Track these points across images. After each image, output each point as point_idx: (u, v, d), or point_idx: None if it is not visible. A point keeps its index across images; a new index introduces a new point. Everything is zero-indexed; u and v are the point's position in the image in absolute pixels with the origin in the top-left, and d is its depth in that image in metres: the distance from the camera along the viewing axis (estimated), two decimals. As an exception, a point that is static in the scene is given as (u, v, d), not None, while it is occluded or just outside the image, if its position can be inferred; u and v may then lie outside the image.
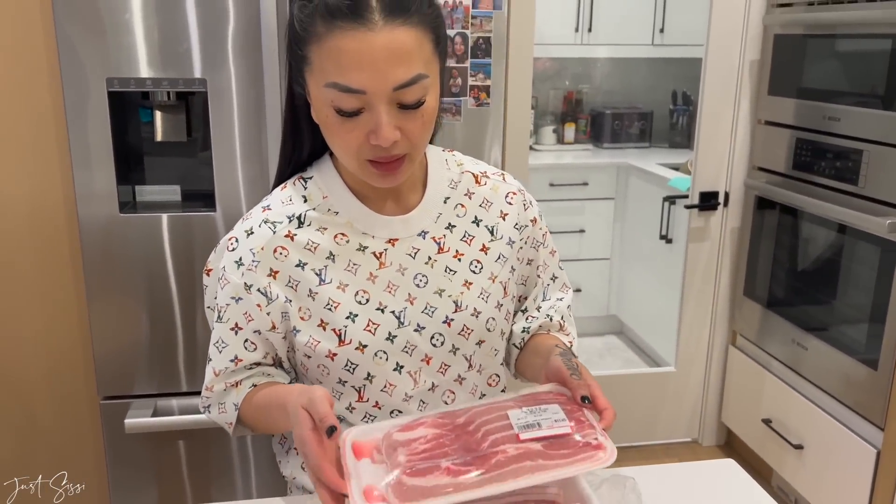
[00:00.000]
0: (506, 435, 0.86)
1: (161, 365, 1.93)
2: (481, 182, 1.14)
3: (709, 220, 2.70)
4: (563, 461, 0.84)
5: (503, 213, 1.14)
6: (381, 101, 0.91)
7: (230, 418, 1.08)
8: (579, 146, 4.11)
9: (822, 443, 2.29)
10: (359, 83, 0.90)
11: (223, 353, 1.07)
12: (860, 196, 2.10)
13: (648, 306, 3.55)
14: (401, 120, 0.93)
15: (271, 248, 1.03)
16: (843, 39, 2.16)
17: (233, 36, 1.77)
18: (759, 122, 2.57)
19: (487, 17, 1.88)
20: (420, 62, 0.92)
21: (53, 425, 2.07)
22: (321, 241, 1.04)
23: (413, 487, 0.82)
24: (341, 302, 1.03)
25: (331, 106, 0.93)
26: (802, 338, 2.36)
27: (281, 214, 1.05)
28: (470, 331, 1.07)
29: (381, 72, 0.89)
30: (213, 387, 1.09)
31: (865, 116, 2.07)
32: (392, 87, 0.90)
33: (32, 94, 1.85)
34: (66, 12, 1.70)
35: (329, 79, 0.91)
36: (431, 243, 1.08)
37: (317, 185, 1.07)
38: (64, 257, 1.96)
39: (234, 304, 1.04)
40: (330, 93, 0.92)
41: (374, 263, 1.05)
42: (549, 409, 0.90)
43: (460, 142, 1.97)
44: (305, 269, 1.03)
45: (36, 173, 1.90)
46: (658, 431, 2.90)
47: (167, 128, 1.88)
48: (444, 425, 0.90)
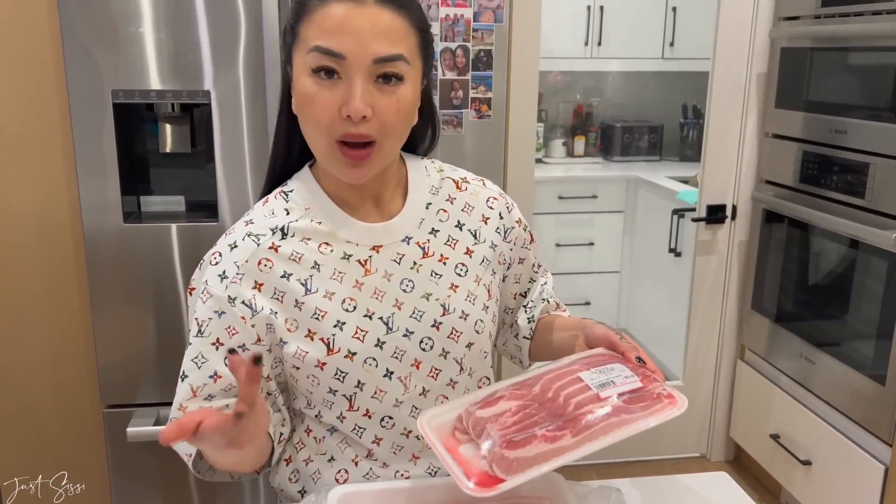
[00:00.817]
0: (587, 396, 0.90)
1: (165, 373, 1.94)
2: (462, 187, 1.15)
3: (716, 233, 2.68)
4: (644, 413, 0.89)
5: (485, 218, 1.15)
6: (357, 71, 0.93)
7: (190, 449, 1.01)
8: (589, 159, 4.11)
9: (830, 459, 2.26)
10: (339, 46, 0.92)
11: (202, 369, 1.02)
12: (868, 210, 2.08)
13: (657, 320, 3.53)
14: (375, 98, 0.94)
15: (256, 260, 1.02)
16: (851, 52, 2.15)
17: (244, 48, 1.79)
18: (766, 135, 2.55)
19: (489, 30, 1.88)
20: (403, 47, 0.95)
21: (57, 433, 2.08)
22: (305, 251, 1.04)
23: (517, 459, 0.84)
24: (328, 311, 1.02)
25: (309, 73, 0.94)
26: (810, 352, 2.33)
27: (264, 227, 1.04)
28: (459, 333, 1.07)
29: (364, 40, 0.92)
30: (187, 406, 1.02)
31: (873, 130, 2.05)
32: (372, 59, 0.92)
33: (39, 105, 1.88)
34: (73, 24, 1.73)
35: (312, 42, 0.94)
36: (416, 248, 1.08)
37: (298, 195, 1.07)
38: (69, 267, 1.97)
39: (217, 318, 1.02)
40: (311, 58, 0.94)
41: (360, 271, 1.04)
42: (616, 368, 0.95)
43: (462, 154, 1.98)
44: (291, 279, 1.02)
45: (42, 184, 1.92)
46: (666, 446, 2.88)
47: (172, 139, 1.90)
48: (523, 396, 0.93)
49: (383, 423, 1.06)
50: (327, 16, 0.93)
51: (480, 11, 1.86)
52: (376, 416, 1.06)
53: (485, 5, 1.86)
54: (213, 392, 1.02)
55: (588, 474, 2.75)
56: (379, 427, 1.06)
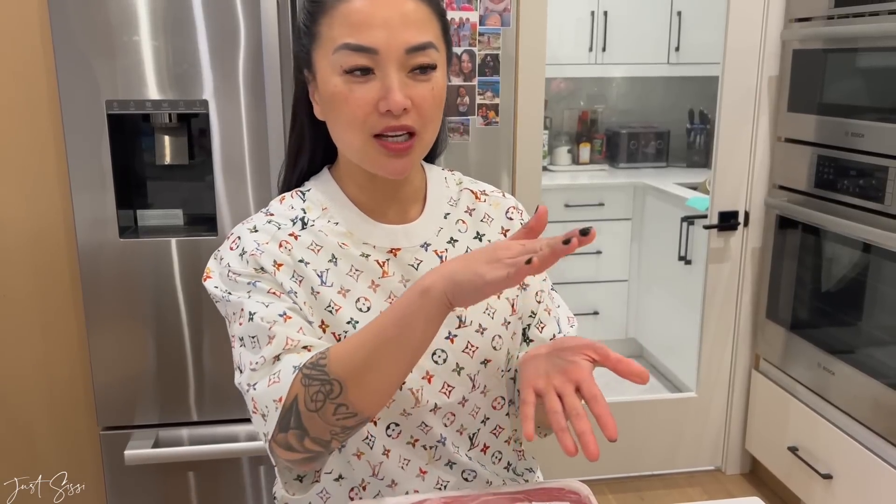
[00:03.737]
0: None
1: (165, 394, 1.89)
2: (481, 199, 1.12)
3: (729, 240, 2.62)
4: None
5: (504, 230, 1.11)
6: (391, 64, 0.90)
7: (279, 391, 0.87)
8: (595, 166, 4.06)
9: (851, 472, 2.19)
10: (370, 41, 0.89)
11: (270, 308, 0.92)
12: (886, 214, 2.02)
13: (668, 329, 3.47)
14: (411, 89, 0.92)
15: (276, 242, 0.99)
16: (865, 53, 2.10)
17: (243, 56, 1.74)
18: (778, 139, 2.50)
19: (495, 34, 1.83)
20: (431, 33, 0.93)
21: (52, 456, 2.02)
22: (324, 243, 1.00)
23: None
24: (342, 306, 0.98)
25: (340, 73, 0.92)
26: (828, 362, 2.27)
27: (284, 217, 1.02)
28: (475, 348, 1.03)
29: (394, 31, 0.90)
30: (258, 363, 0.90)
31: (891, 132, 2.00)
32: (405, 49, 0.90)
33: (31, 116, 1.83)
34: (66, 33, 1.68)
35: (340, 41, 0.91)
36: (434, 256, 1.04)
37: (316, 196, 1.04)
38: (63, 284, 1.92)
39: (254, 287, 0.95)
40: (340, 56, 0.91)
41: (377, 271, 1.01)
42: None
43: (469, 161, 1.92)
44: (308, 267, 0.99)
45: (34, 198, 1.87)
46: (680, 459, 2.81)
47: (169, 151, 1.85)
48: None
49: (389, 430, 1.01)
50: (351, 10, 0.90)
51: (486, 15, 1.81)
52: (382, 422, 1.01)
53: (491, 8, 1.81)
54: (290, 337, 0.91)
55: (600, 489, 2.69)
56: (385, 436, 1.01)
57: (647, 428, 2.75)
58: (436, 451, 1.04)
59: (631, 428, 2.73)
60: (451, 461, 1.05)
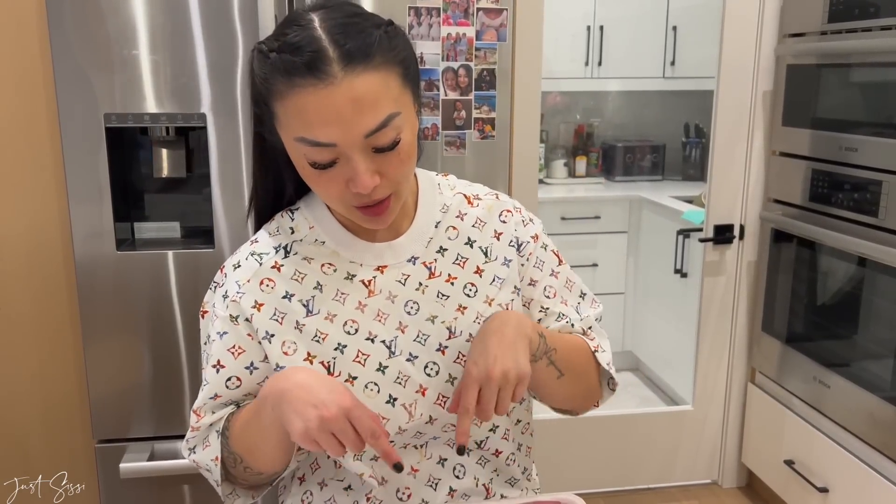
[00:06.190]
0: None
1: (160, 407, 1.88)
2: (473, 203, 1.11)
3: (724, 253, 2.63)
4: None
5: (497, 233, 1.09)
6: (354, 150, 0.88)
7: (213, 452, 1.00)
8: (591, 180, 4.07)
9: (848, 486, 2.19)
10: (327, 137, 0.87)
11: (204, 391, 1.02)
12: (880, 228, 2.03)
13: (664, 342, 3.47)
14: (378, 163, 0.90)
15: (258, 280, 1.00)
16: (859, 68, 2.11)
17: (241, 70, 1.75)
18: (773, 153, 2.51)
19: (492, 49, 1.84)
20: (388, 102, 0.88)
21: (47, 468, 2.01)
22: (308, 271, 1.01)
23: None
24: (329, 333, 0.99)
25: (304, 159, 0.90)
26: (824, 375, 2.27)
27: (267, 246, 1.03)
28: (466, 358, 1.02)
29: (348, 123, 0.86)
30: (199, 426, 1.03)
31: (885, 146, 2.01)
32: (363, 135, 0.87)
33: (28, 129, 1.83)
34: (65, 46, 1.69)
35: (297, 133, 0.88)
36: (422, 268, 1.04)
37: (303, 215, 1.05)
38: (60, 297, 1.92)
39: (219, 339, 1.01)
40: (301, 147, 0.89)
41: (363, 292, 1.01)
42: None
43: (466, 175, 1.91)
44: (293, 300, 1.00)
45: (31, 210, 1.87)
46: (676, 473, 2.81)
47: (167, 164, 1.85)
48: None
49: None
50: (302, 106, 0.86)
51: (483, 30, 1.82)
52: None
53: (487, 24, 1.82)
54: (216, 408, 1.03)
55: (596, 502, 2.68)
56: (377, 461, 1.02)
57: (644, 441, 2.75)
58: (441, 457, 1.06)
59: (627, 441, 2.73)
60: (457, 467, 1.07)
